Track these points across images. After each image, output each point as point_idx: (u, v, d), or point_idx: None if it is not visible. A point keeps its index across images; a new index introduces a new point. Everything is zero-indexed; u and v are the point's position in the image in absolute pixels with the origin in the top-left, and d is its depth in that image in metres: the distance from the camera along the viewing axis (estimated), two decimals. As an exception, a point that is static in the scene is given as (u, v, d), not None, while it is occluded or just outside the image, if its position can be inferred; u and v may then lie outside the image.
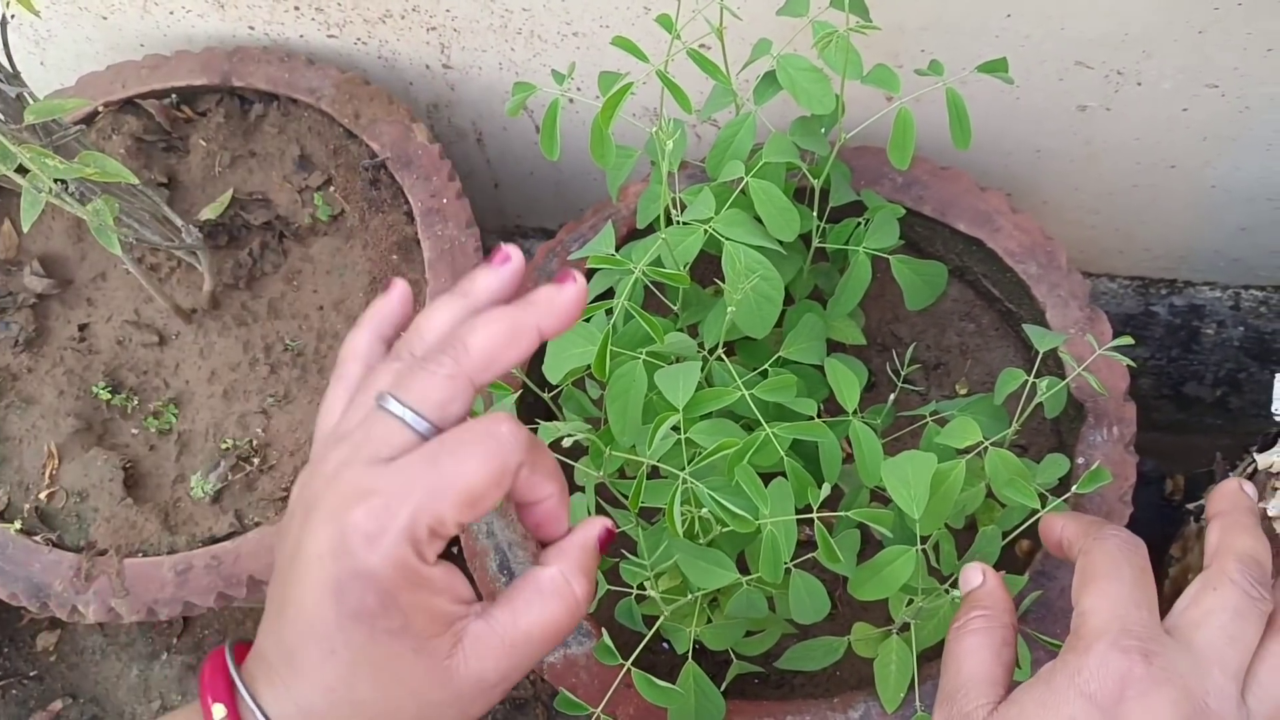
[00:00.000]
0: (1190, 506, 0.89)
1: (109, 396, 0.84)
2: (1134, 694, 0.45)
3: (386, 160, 0.86)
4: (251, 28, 0.92)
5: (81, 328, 0.87)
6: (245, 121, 0.92)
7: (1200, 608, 0.48)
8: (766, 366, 0.67)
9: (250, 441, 0.82)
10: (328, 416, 0.52)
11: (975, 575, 0.55)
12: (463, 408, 0.48)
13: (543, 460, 0.49)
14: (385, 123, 0.88)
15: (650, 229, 0.72)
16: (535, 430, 0.59)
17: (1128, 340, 0.62)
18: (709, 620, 0.62)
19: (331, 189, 0.89)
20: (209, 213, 0.89)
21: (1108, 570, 0.49)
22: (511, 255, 0.52)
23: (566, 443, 0.55)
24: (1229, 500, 0.54)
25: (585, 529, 0.51)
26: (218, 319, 0.87)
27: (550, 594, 0.49)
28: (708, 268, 0.80)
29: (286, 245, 0.89)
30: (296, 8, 0.89)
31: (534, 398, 0.73)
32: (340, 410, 0.51)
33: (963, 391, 0.83)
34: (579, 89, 0.91)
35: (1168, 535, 0.96)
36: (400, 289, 0.55)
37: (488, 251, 0.96)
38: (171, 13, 0.92)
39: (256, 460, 0.81)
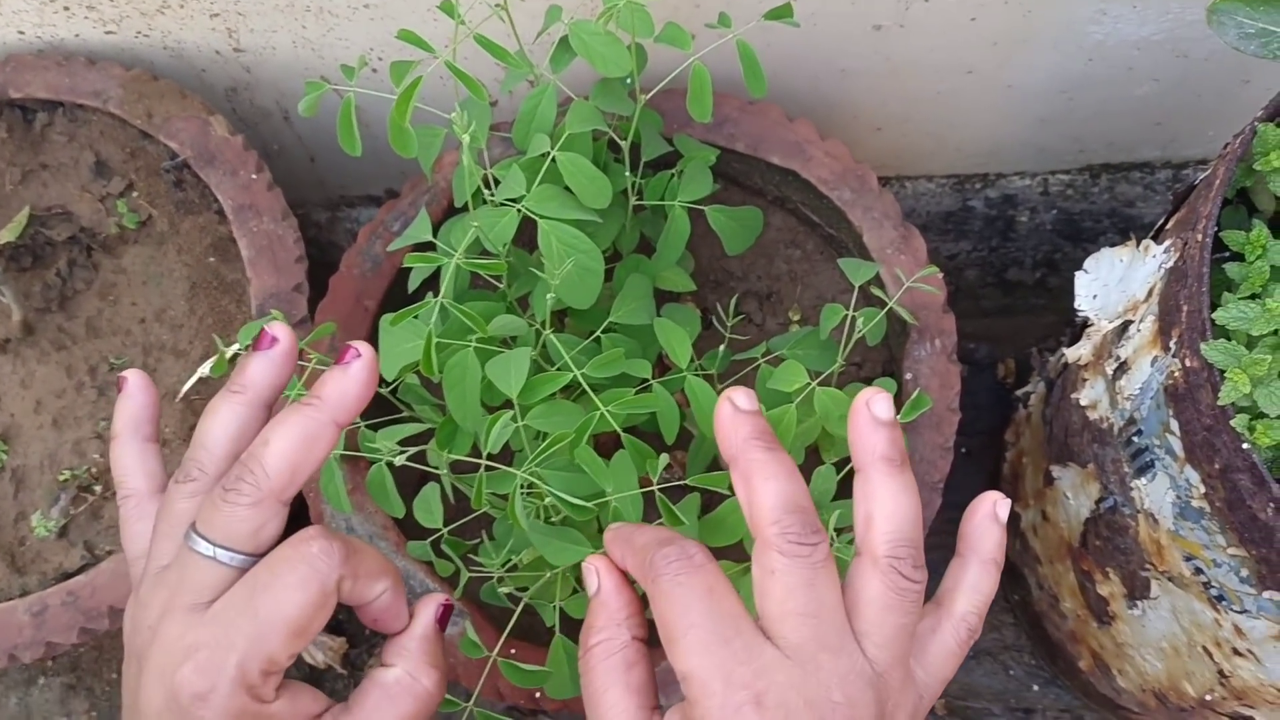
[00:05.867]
0: (1018, 393, 0.94)
1: (-70, 442, 0.81)
2: None
3: (188, 159, 0.83)
4: (21, 32, 0.87)
5: (-112, 373, 0.83)
6: (31, 133, 0.87)
7: (773, 600, 0.44)
8: (599, 333, 0.68)
9: (89, 469, 0.80)
10: (136, 542, 0.50)
11: (590, 578, 0.49)
12: (276, 529, 0.46)
13: (365, 562, 0.47)
14: (180, 119, 0.84)
15: (468, 206, 0.71)
16: (375, 428, 0.59)
17: (934, 270, 0.64)
18: (574, 591, 0.64)
19: (135, 194, 0.85)
20: (7, 234, 0.84)
21: (678, 619, 0.44)
22: (280, 336, 0.50)
23: (399, 461, 0.56)
24: (728, 439, 0.46)
25: (421, 616, 0.50)
26: (34, 345, 0.83)
27: (399, 695, 0.48)
28: (534, 231, 0.80)
29: (96, 259, 0.85)
30: (66, 7, 0.84)
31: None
32: (146, 535, 0.49)
33: (795, 318, 0.85)
34: (380, 58, 0.89)
35: (1004, 418, 1.02)
36: (133, 380, 0.53)
37: (304, 224, 0.94)
38: (-71, 25, 0.86)
39: (99, 487, 0.79)
